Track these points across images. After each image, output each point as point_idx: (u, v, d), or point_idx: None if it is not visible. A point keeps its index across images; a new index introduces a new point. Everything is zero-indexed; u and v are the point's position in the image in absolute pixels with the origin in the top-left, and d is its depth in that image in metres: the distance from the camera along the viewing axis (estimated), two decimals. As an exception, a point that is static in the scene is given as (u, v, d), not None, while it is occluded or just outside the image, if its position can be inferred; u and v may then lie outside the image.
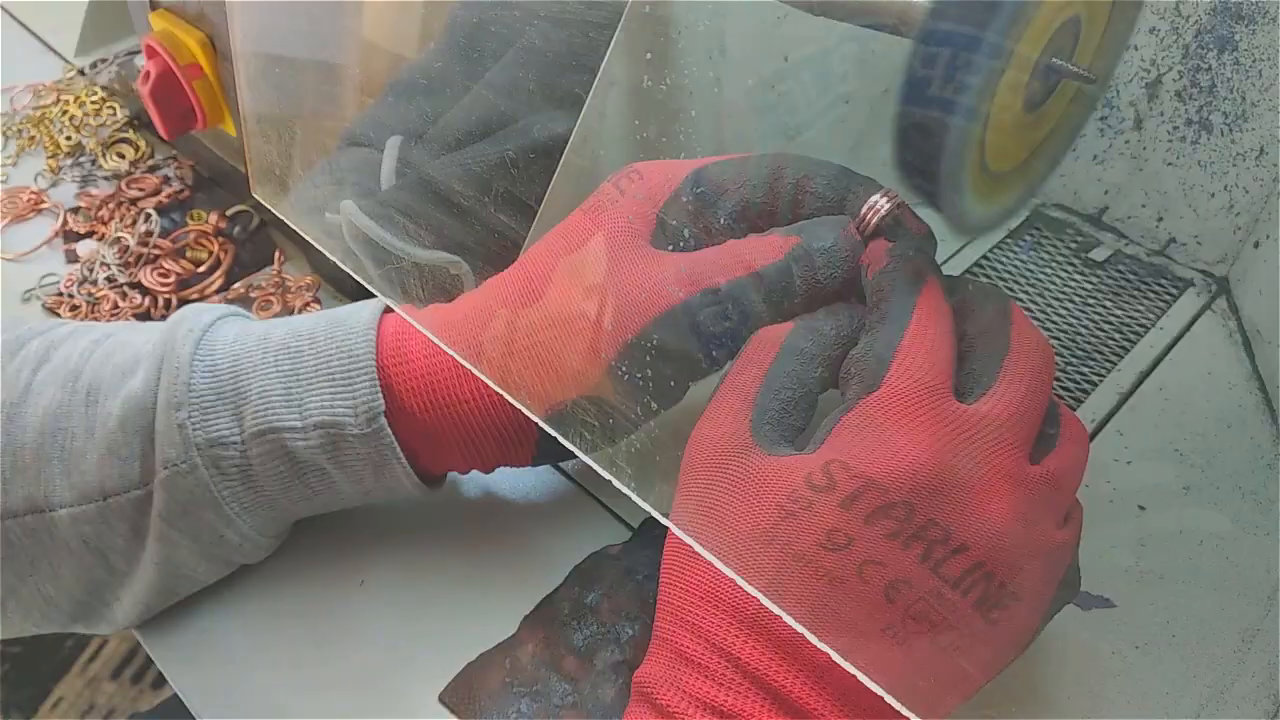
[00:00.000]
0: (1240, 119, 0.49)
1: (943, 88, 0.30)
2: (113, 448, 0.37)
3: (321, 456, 0.38)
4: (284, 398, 0.37)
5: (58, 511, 0.37)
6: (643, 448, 0.32)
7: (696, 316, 0.33)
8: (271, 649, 0.40)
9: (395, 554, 0.43)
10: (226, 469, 0.37)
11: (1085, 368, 0.50)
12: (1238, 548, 0.42)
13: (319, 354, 0.38)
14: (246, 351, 0.38)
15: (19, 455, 0.37)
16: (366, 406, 0.37)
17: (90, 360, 0.39)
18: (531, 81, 0.38)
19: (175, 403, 0.36)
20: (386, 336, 0.38)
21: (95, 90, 0.68)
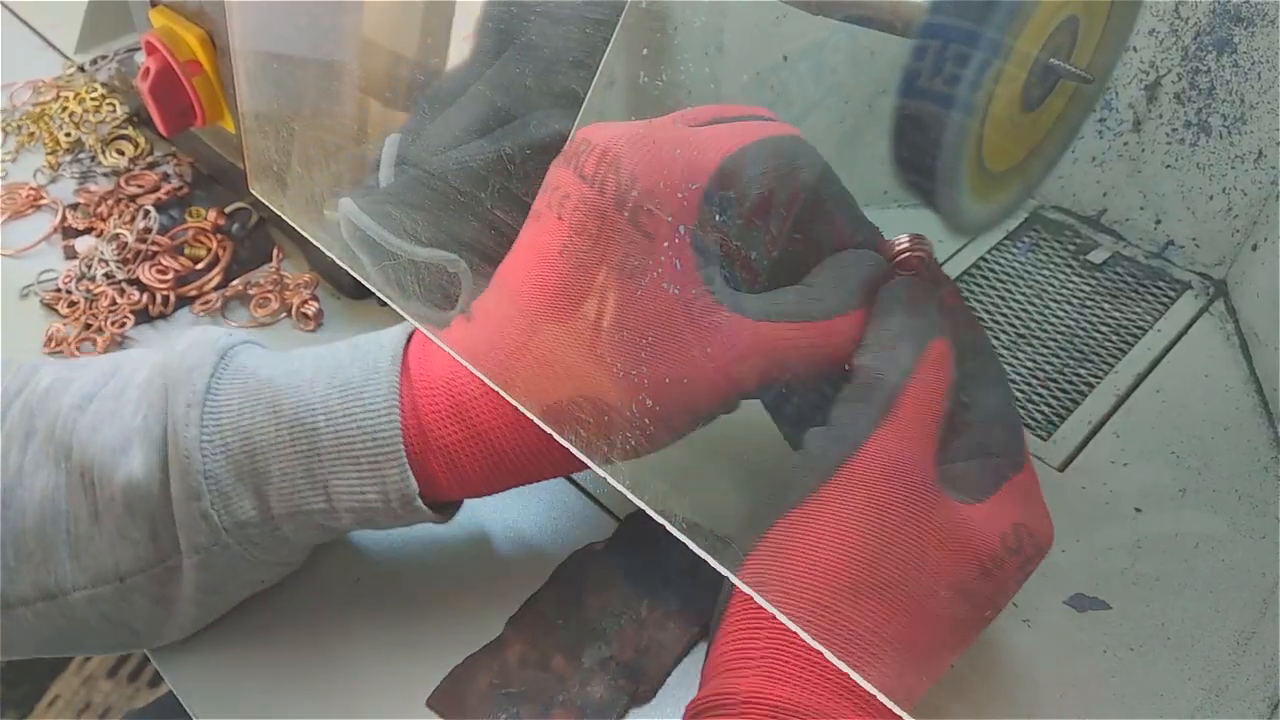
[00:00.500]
0: (1239, 121, 0.49)
1: (941, 87, 0.30)
2: (122, 531, 0.36)
3: (354, 525, 0.37)
4: (308, 480, 0.36)
5: (71, 595, 0.36)
6: (638, 446, 0.31)
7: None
8: (265, 650, 0.40)
9: (379, 555, 0.43)
10: (259, 541, 0.37)
11: (1082, 369, 0.50)
12: (1234, 550, 0.42)
13: (338, 434, 0.36)
14: (258, 427, 0.36)
15: (21, 542, 0.36)
16: (399, 493, 0.36)
17: (76, 434, 0.36)
18: (529, 79, 0.38)
19: (194, 493, 0.35)
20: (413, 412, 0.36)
21: (95, 87, 0.68)
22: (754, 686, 0.30)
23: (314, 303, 0.54)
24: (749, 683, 0.30)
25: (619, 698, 0.38)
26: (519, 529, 0.44)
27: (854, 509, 0.30)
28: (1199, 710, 0.37)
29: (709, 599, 0.40)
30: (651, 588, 0.41)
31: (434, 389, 0.36)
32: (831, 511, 0.31)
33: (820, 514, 0.31)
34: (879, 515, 0.30)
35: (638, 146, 0.32)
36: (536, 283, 0.33)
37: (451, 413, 0.36)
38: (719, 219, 0.33)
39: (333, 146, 0.44)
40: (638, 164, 0.32)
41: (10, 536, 0.35)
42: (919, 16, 0.30)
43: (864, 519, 0.30)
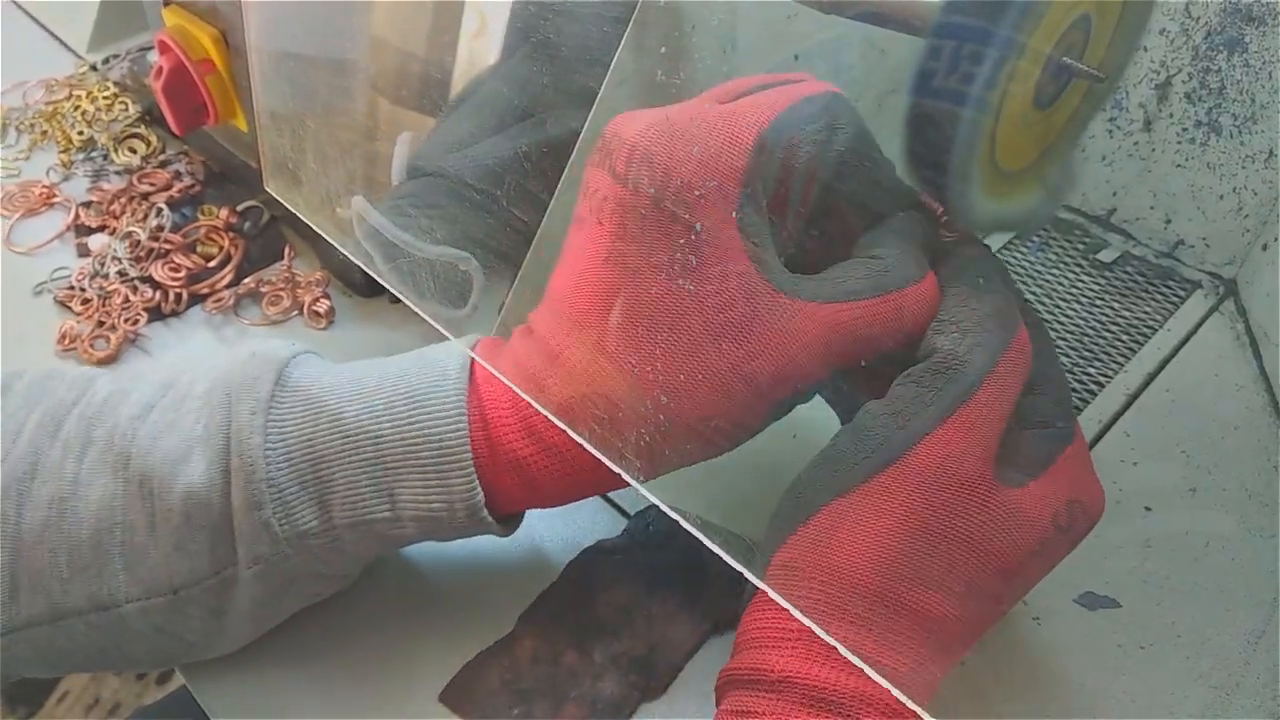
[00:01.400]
0: (1249, 121, 0.49)
1: (953, 85, 0.30)
2: (180, 544, 0.35)
3: (418, 536, 0.36)
4: (373, 489, 0.35)
5: (124, 607, 0.35)
6: (651, 440, 0.32)
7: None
8: (278, 645, 0.40)
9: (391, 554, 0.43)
10: (319, 552, 0.36)
11: (1092, 368, 0.50)
12: (1244, 550, 0.42)
13: (404, 441, 0.35)
14: (321, 435, 0.35)
15: (76, 553, 0.35)
16: (465, 503, 0.35)
17: (135, 442, 0.35)
18: (546, 76, 0.38)
19: (256, 502, 0.34)
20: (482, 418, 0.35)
21: (107, 86, 0.68)
22: (790, 665, 0.30)
23: (325, 300, 0.54)
24: (785, 661, 0.30)
25: (630, 693, 0.38)
26: (530, 526, 0.44)
27: (905, 509, 0.30)
28: (1209, 709, 0.37)
29: (720, 595, 0.41)
30: (662, 584, 0.41)
31: (501, 401, 0.35)
32: (880, 508, 0.30)
33: (867, 509, 0.30)
34: (931, 518, 0.30)
35: (668, 136, 0.31)
36: (584, 291, 0.32)
37: (521, 426, 0.34)
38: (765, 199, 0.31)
39: (347, 144, 0.44)
40: (670, 155, 0.30)
41: (66, 547, 0.35)
42: (931, 15, 0.30)
43: (914, 520, 0.30)
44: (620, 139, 0.32)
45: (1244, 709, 0.37)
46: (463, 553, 0.43)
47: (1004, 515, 0.30)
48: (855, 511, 0.30)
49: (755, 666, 0.31)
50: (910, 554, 0.30)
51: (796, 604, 0.29)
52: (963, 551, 0.30)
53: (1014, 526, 0.31)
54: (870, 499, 0.30)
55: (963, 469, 0.30)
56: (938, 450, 0.30)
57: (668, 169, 0.31)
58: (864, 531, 0.30)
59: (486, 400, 0.35)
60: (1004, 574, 0.31)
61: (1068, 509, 0.32)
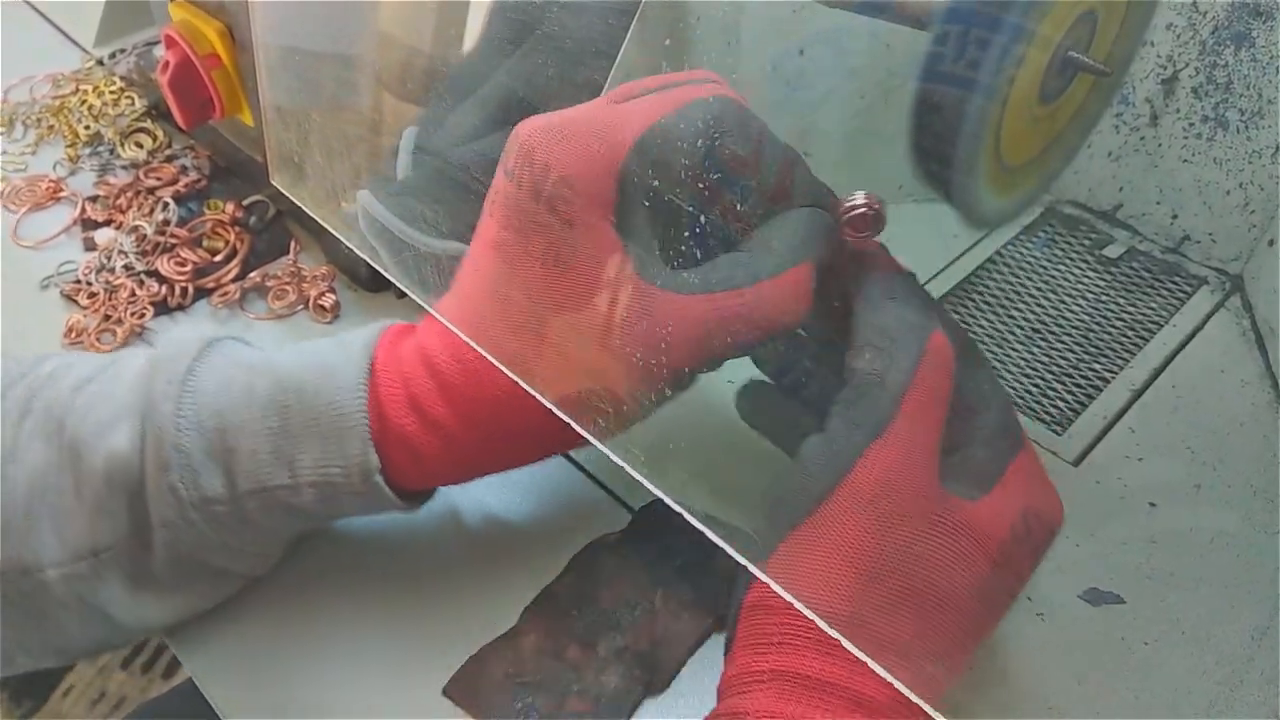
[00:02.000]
0: (1257, 116, 0.49)
1: (959, 80, 0.30)
2: (100, 505, 0.36)
3: (318, 506, 0.37)
4: (273, 455, 0.36)
5: (47, 572, 0.36)
6: (655, 432, 0.32)
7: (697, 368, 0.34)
8: (283, 640, 0.41)
9: (396, 544, 0.43)
10: (224, 520, 0.37)
11: (1097, 364, 0.50)
12: (1248, 545, 0.42)
13: (306, 409, 0.36)
14: (233, 406, 0.37)
15: (9, 516, 0.36)
16: (360, 467, 0.36)
17: (71, 412, 0.37)
18: (551, 69, 0.38)
19: (164, 464, 0.36)
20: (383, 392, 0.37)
21: (114, 80, 0.68)
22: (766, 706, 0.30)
23: (331, 295, 0.55)
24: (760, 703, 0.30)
25: (633, 687, 0.38)
26: (534, 520, 0.44)
27: (853, 532, 0.30)
28: (1213, 705, 0.37)
29: (723, 590, 0.41)
30: (666, 579, 0.41)
31: (392, 380, 0.37)
32: (829, 537, 0.30)
33: (817, 540, 0.30)
34: (880, 534, 0.30)
35: (554, 136, 0.32)
36: (473, 277, 0.35)
37: (409, 403, 0.36)
38: (644, 198, 0.32)
39: (353, 138, 0.45)
40: (553, 153, 0.32)
41: (2, 510, 0.36)
42: (936, 11, 0.30)
43: (864, 541, 0.30)
44: (515, 137, 0.33)
45: (1248, 705, 0.37)
46: (466, 547, 0.43)
47: (957, 528, 0.30)
48: (809, 543, 0.30)
49: (732, 711, 0.31)
50: (872, 577, 0.29)
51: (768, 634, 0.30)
52: (923, 568, 0.30)
53: (970, 539, 0.30)
54: (820, 529, 0.30)
55: (905, 483, 0.30)
56: (875, 469, 0.30)
57: (547, 166, 0.32)
58: (825, 554, 0.30)
59: (380, 378, 0.37)
60: (973, 589, 0.31)
61: (1023, 519, 0.32)
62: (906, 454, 0.30)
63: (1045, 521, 0.33)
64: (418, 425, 0.36)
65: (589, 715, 0.37)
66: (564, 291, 0.32)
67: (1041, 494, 0.33)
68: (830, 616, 0.29)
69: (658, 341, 0.32)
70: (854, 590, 0.29)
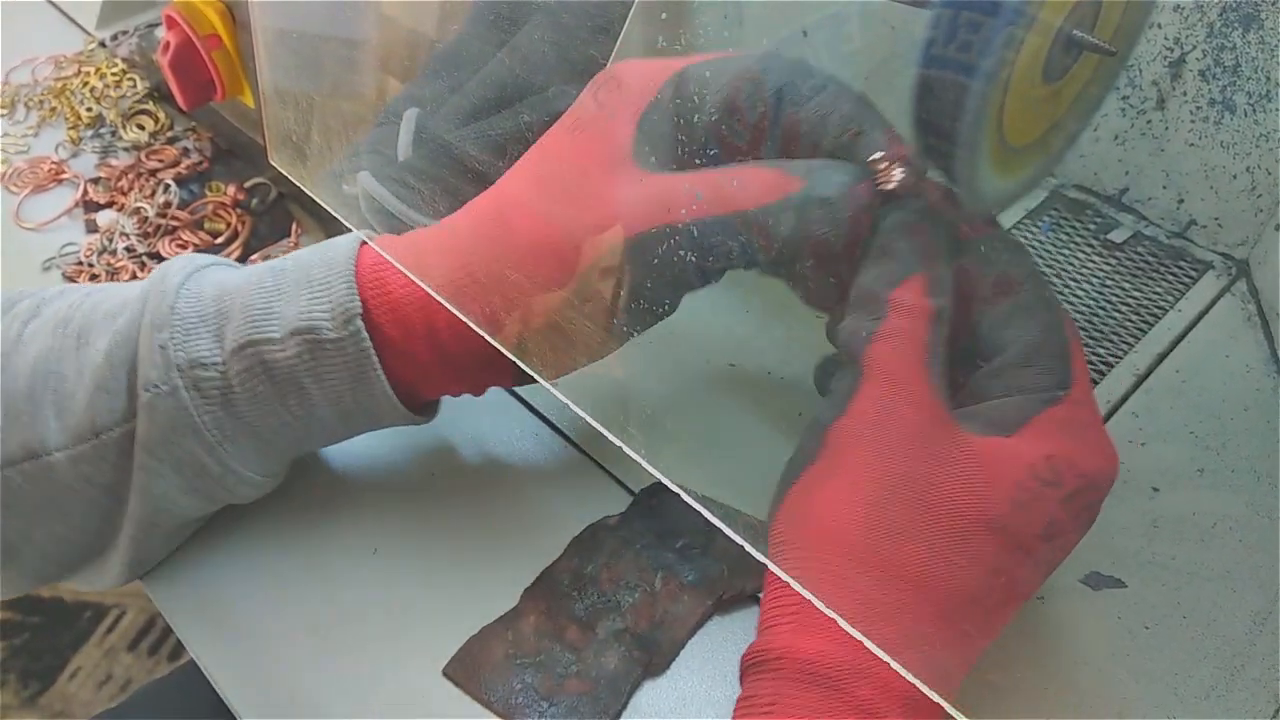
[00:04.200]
0: (1264, 99, 0.48)
1: (962, 56, 0.29)
2: (100, 383, 0.37)
3: (299, 367, 0.37)
4: (264, 312, 0.37)
5: (54, 455, 0.37)
6: (654, 413, 0.32)
7: (660, 249, 0.33)
8: (285, 620, 0.41)
9: (396, 526, 0.43)
10: (207, 390, 0.36)
11: (1102, 349, 0.50)
12: (1251, 531, 0.42)
13: (300, 268, 0.38)
14: (233, 278, 0.38)
15: (11, 403, 0.37)
16: (343, 308, 0.36)
17: (81, 308, 0.39)
18: (549, 46, 0.38)
19: (157, 324, 0.36)
20: (366, 265, 0.38)
21: (116, 62, 0.68)
22: (785, 642, 0.30)
23: (332, 277, 0.54)
24: (781, 638, 0.30)
25: (633, 668, 0.38)
26: (534, 502, 0.44)
27: (851, 466, 0.30)
28: (1213, 689, 0.37)
29: (723, 573, 0.41)
30: (666, 561, 0.41)
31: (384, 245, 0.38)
32: (829, 475, 0.30)
33: (819, 481, 0.30)
34: (878, 466, 0.30)
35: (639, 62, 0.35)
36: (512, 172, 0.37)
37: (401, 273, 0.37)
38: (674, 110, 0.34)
39: (353, 119, 0.44)
40: (628, 69, 0.35)
41: (2, 398, 0.37)
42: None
43: (862, 474, 0.30)
44: (613, 71, 0.35)
45: (1248, 689, 0.37)
46: (466, 528, 0.43)
47: (963, 457, 0.30)
48: (820, 475, 0.31)
49: (759, 648, 0.31)
50: (878, 504, 0.29)
51: (788, 572, 0.30)
52: (930, 495, 0.30)
53: (979, 471, 0.30)
54: (828, 460, 0.31)
55: (899, 417, 0.30)
56: (864, 408, 0.30)
57: (623, 86, 0.35)
58: (831, 490, 0.30)
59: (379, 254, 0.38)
60: (986, 524, 0.30)
61: (1048, 462, 0.30)
62: (893, 390, 0.30)
63: (1081, 470, 0.31)
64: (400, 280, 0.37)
65: (588, 696, 0.37)
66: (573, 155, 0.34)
67: (1082, 445, 0.32)
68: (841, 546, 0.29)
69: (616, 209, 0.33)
70: (863, 518, 0.29)
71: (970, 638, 0.30)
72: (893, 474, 0.30)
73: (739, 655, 0.32)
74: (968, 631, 0.30)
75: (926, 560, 0.29)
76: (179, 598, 0.42)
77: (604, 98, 0.35)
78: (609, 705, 0.37)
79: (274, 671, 0.39)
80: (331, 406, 0.38)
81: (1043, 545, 0.31)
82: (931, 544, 0.29)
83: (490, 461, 0.45)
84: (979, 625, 0.30)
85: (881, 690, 0.29)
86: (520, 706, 0.37)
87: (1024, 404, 0.32)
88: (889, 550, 0.29)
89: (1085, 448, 0.32)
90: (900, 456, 0.30)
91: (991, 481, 0.30)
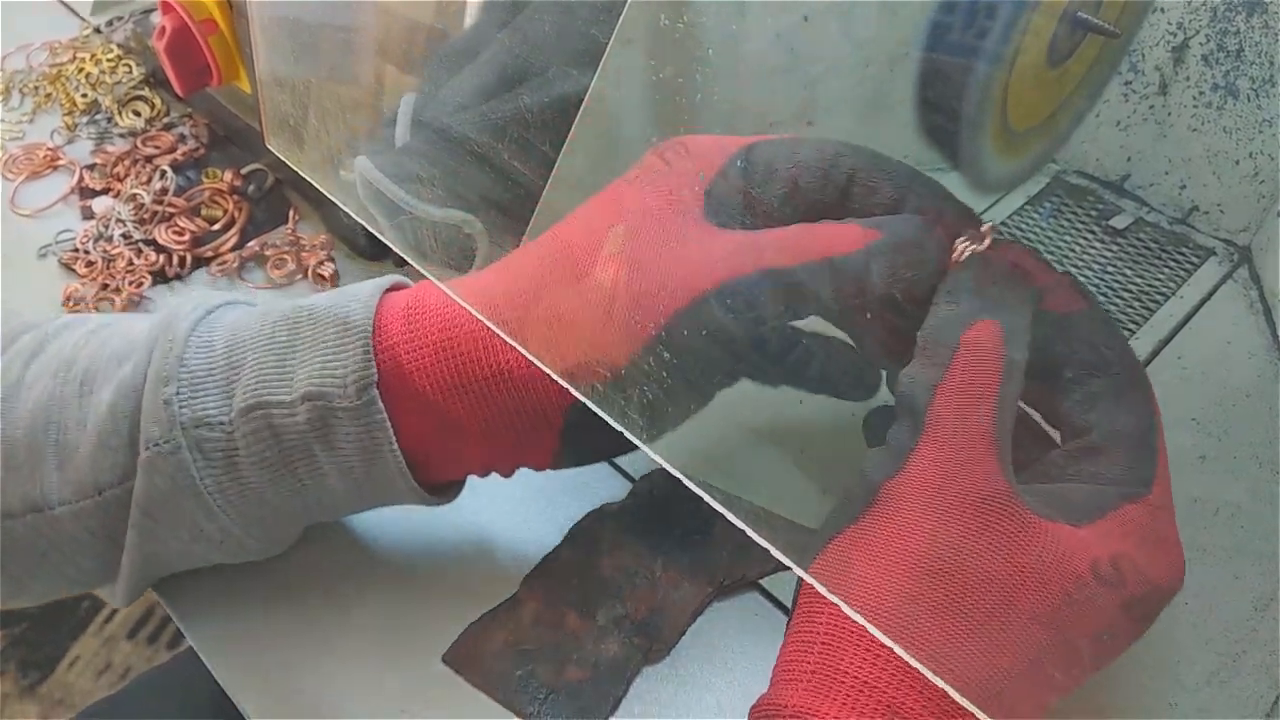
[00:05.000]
0: (1268, 84, 0.48)
1: (965, 45, 0.29)
2: (103, 437, 0.35)
3: (310, 435, 0.34)
4: (277, 371, 0.35)
5: (56, 510, 0.35)
6: (655, 399, 0.31)
7: (756, 296, 0.31)
8: (284, 609, 0.41)
9: (396, 513, 0.43)
10: (210, 453, 0.34)
11: (1103, 336, 0.49)
12: (1253, 518, 0.42)
13: (316, 324, 0.35)
14: (245, 326, 0.36)
15: (12, 452, 0.35)
16: (357, 376, 0.34)
17: (85, 349, 0.37)
18: (550, 26, 0.38)
19: (164, 378, 0.34)
20: (397, 309, 0.36)
21: (111, 48, 0.68)
22: (804, 702, 0.28)
23: (330, 264, 0.54)
24: (800, 697, 0.29)
25: (633, 655, 0.38)
26: (534, 489, 0.44)
27: (901, 530, 0.28)
28: (1215, 674, 0.37)
29: (723, 559, 0.40)
30: (666, 548, 0.41)
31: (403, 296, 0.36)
32: (875, 533, 0.28)
33: (864, 538, 0.29)
34: (931, 534, 0.28)
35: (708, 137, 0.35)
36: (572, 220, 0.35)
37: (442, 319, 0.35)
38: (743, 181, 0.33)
39: (350, 103, 0.44)
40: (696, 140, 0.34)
41: (1, 445, 0.35)
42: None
43: (912, 540, 0.28)
44: (679, 140, 0.35)
45: (1251, 676, 0.37)
46: (466, 516, 0.43)
47: (1024, 541, 0.28)
48: (866, 532, 0.29)
49: (776, 702, 0.29)
50: (924, 575, 0.28)
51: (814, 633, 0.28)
52: (981, 575, 0.28)
53: (1038, 558, 0.28)
54: (877, 518, 0.29)
55: (960, 481, 0.28)
56: (921, 468, 0.28)
57: (690, 151, 0.34)
58: (876, 551, 0.28)
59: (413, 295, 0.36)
60: (1037, 618, 0.28)
61: (1112, 562, 0.28)
62: (954, 451, 0.28)
63: (1147, 577, 0.29)
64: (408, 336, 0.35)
65: (588, 683, 0.37)
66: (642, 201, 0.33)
67: (1152, 550, 0.30)
68: (881, 613, 0.27)
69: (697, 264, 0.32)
70: (905, 588, 0.28)
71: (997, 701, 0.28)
72: (945, 545, 0.28)
73: (738, 641, 0.32)
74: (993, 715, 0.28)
75: (964, 642, 0.27)
76: (178, 587, 0.42)
77: (671, 158, 0.34)
78: (609, 692, 0.37)
79: (273, 659, 0.39)
80: (343, 478, 0.36)
81: (1091, 646, 0.29)
82: (972, 625, 0.27)
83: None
84: (1004, 712, 0.28)
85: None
86: (520, 694, 0.37)
87: (1100, 495, 0.30)
88: (927, 626, 0.27)
89: (1155, 554, 0.30)
90: (956, 528, 0.28)
91: (1051, 572, 0.28)
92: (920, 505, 0.28)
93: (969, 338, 0.29)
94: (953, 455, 0.28)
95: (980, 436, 0.28)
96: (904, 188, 0.32)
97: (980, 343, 0.29)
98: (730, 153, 0.34)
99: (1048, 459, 0.32)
